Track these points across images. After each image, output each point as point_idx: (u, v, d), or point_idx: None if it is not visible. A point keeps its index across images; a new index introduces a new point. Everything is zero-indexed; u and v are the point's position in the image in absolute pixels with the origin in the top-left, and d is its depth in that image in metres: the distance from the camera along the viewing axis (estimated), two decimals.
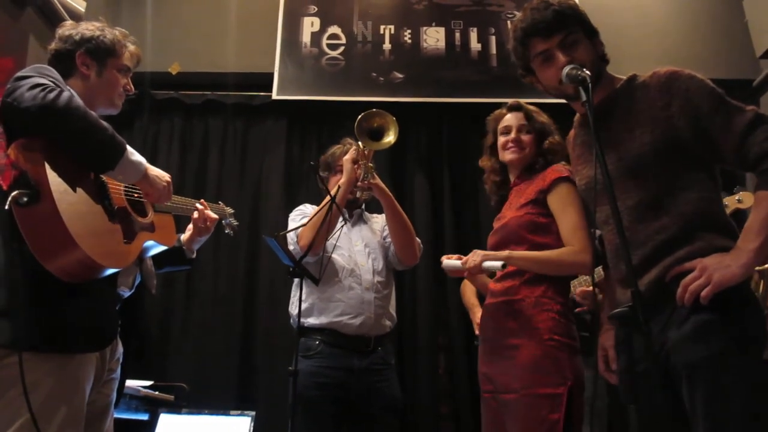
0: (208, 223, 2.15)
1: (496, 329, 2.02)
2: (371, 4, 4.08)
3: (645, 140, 1.50)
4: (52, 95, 1.44)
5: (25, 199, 1.41)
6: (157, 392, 2.89)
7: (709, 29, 4.01)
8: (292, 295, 2.56)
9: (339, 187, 2.43)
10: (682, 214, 1.46)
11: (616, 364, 1.63)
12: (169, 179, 1.76)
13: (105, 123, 1.54)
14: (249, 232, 3.61)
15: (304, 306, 2.44)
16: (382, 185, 2.53)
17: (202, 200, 2.19)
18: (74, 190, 1.52)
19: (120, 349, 1.76)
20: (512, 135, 2.16)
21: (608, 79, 1.66)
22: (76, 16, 3.43)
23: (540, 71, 1.65)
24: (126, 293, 1.86)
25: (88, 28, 1.78)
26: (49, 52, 1.77)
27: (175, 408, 2.97)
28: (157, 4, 3.99)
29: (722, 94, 1.47)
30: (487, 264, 1.93)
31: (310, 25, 4.02)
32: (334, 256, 2.51)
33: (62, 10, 3.30)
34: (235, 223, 2.42)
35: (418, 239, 2.63)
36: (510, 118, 2.20)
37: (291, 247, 2.46)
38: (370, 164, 2.48)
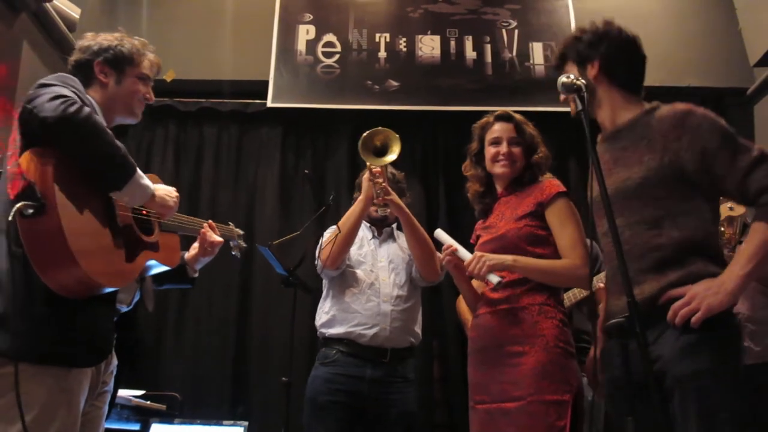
0: (213, 247, 2.15)
1: (496, 337, 1.99)
2: (366, 12, 4.09)
3: (652, 165, 1.60)
4: (72, 108, 1.45)
5: (30, 211, 1.41)
6: (149, 402, 2.86)
7: (703, 37, 4.02)
8: (318, 307, 2.64)
9: (332, 195, 2.46)
10: (678, 238, 1.55)
11: (604, 374, 1.66)
12: (176, 194, 1.78)
13: (119, 143, 1.55)
14: (243, 241, 3.59)
15: (327, 317, 2.54)
16: (398, 201, 2.53)
17: (210, 221, 2.18)
18: (81, 206, 1.51)
19: (114, 361, 1.75)
20: (503, 148, 2.14)
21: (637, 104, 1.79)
22: (70, 23, 3.42)
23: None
24: (124, 309, 1.86)
25: (107, 38, 1.80)
26: (70, 63, 1.79)
27: (167, 418, 2.94)
28: (151, 11, 3.99)
29: (732, 134, 1.55)
30: (490, 277, 1.94)
31: (305, 33, 4.02)
32: (357, 270, 2.58)
33: (57, 17, 3.29)
34: (244, 245, 2.42)
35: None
36: (499, 129, 2.18)
37: (316, 263, 2.50)
38: (382, 181, 2.48)
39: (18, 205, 1.40)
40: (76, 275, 1.45)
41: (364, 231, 2.72)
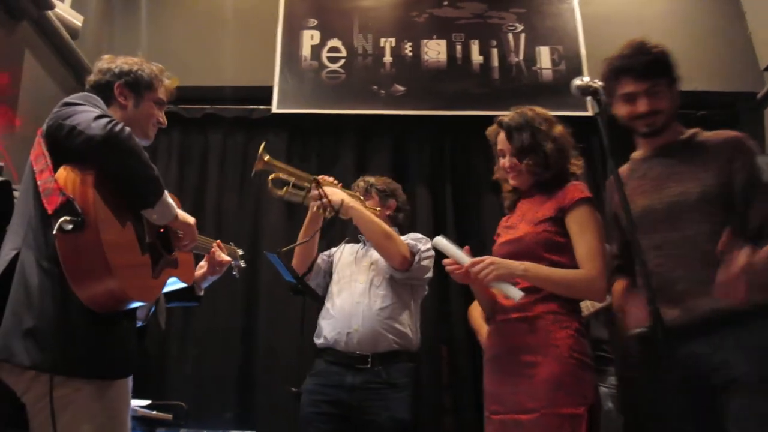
0: (221, 266, 2.22)
1: (510, 346, 1.94)
2: (371, 17, 4.05)
3: (708, 183, 1.71)
4: (117, 128, 1.52)
5: (71, 226, 1.45)
6: (154, 411, 2.81)
7: (713, 41, 3.98)
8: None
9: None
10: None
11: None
12: (194, 222, 1.83)
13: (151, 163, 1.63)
14: (249, 248, 3.53)
15: (317, 327, 2.55)
16: (343, 203, 2.46)
17: (218, 241, 2.24)
18: (117, 222, 1.57)
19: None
20: (506, 161, 2.08)
21: (675, 128, 1.93)
22: (72, 31, 3.39)
23: (618, 104, 1.89)
24: (139, 324, 1.86)
25: (127, 62, 1.87)
26: (88, 83, 1.86)
27: (173, 427, 2.90)
28: (154, 17, 3.96)
29: None
30: (506, 288, 1.86)
31: (309, 38, 3.98)
32: (340, 277, 2.57)
33: (59, 24, 3.25)
34: (243, 265, 2.47)
35: (410, 241, 2.57)
36: (501, 140, 2.10)
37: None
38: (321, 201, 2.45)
39: (60, 220, 1.44)
40: (110, 288, 1.50)
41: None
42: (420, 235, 2.67)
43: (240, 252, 2.44)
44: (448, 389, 3.50)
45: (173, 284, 1.93)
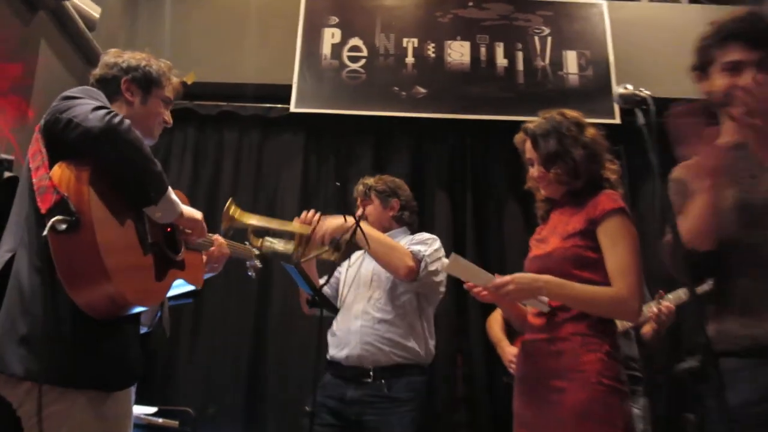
0: (219, 262, 2.10)
1: (536, 369, 1.81)
2: (394, 16, 3.95)
3: None
4: (117, 120, 1.44)
5: (64, 226, 1.36)
6: (161, 419, 2.73)
7: None
8: None
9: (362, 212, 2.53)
10: None
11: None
12: (201, 216, 1.74)
13: (154, 158, 1.55)
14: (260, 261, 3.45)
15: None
16: (342, 241, 2.30)
17: (218, 235, 2.11)
18: (115, 222, 1.48)
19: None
20: (534, 171, 1.95)
21: None
22: (90, 22, 3.31)
23: (715, 76, 1.60)
24: (144, 330, 1.77)
25: (135, 57, 1.80)
26: (93, 77, 1.78)
27: None
28: (174, 12, 3.88)
29: None
30: (533, 303, 1.75)
31: (330, 36, 3.89)
32: (345, 290, 2.50)
33: (76, 15, 3.18)
34: (260, 266, 2.37)
35: (414, 247, 2.43)
36: (528, 148, 1.97)
37: None
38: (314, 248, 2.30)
39: (52, 219, 1.35)
40: (108, 293, 1.40)
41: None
42: (428, 236, 2.55)
43: (256, 252, 2.33)
44: (463, 403, 3.39)
45: (180, 287, 1.83)
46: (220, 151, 3.76)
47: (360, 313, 2.41)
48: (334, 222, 2.31)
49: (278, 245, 2.30)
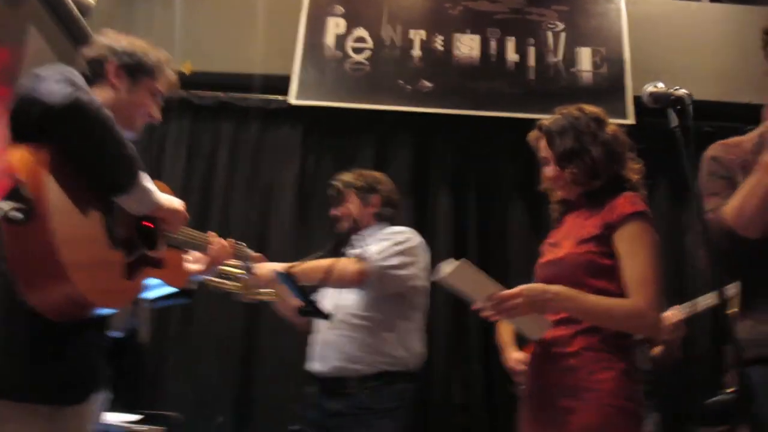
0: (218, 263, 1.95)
1: (545, 385, 1.68)
2: (402, 7, 3.79)
3: None
4: (84, 97, 1.30)
5: (18, 215, 1.21)
6: (146, 427, 2.62)
7: (760, 53, 3.67)
8: None
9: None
10: None
11: None
12: (182, 206, 1.60)
13: (129, 141, 1.41)
14: (256, 248, 3.30)
15: None
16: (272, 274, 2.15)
17: (213, 233, 1.93)
18: (76, 211, 1.33)
19: (103, 395, 1.56)
20: (548, 171, 1.82)
21: None
22: (84, 7, 3.18)
23: None
24: (115, 335, 1.63)
25: (133, 43, 1.67)
26: (82, 56, 1.66)
27: None
28: None
29: None
30: (526, 323, 1.60)
31: (335, 26, 3.74)
32: (323, 300, 2.37)
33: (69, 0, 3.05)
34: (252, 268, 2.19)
35: (361, 252, 2.33)
36: (543, 146, 1.83)
37: None
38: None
39: (4, 208, 1.20)
40: (65, 292, 1.26)
41: None
42: (396, 229, 2.43)
43: (252, 254, 2.17)
44: (460, 409, 3.27)
45: (157, 288, 1.68)
46: (216, 143, 3.61)
47: (338, 323, 2.27)
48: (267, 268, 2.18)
49: (227, 285, 2.12)
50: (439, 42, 3.72)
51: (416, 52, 3.70)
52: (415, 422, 3.12)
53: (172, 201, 1.57)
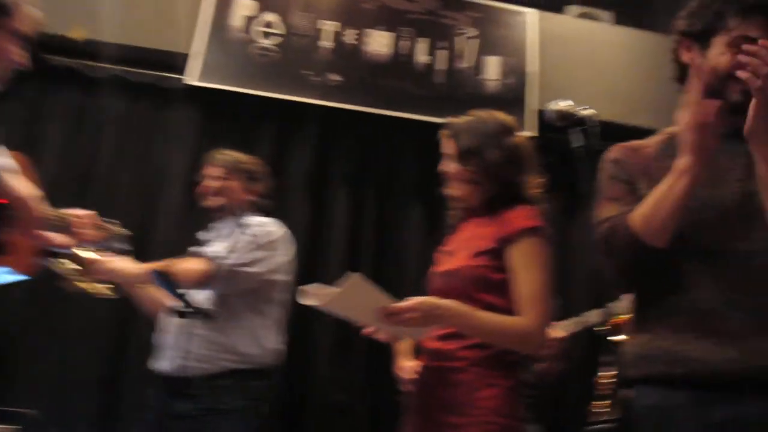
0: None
1: (429, 399, 1.64)
2: None
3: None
4: None
5: None
6: None
7: (659, 77, 3.86)
8: None
9: None
10: None
11: None
12: (31, 194, 1.43)
13: None
14: (139, 231, 3.06)
15: None
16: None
17: (79, 210, 1.77)
18: None
19: None
20: (446, 166, 1.79)
21: None
22: None
23: (721, 49, 1.29)
24: None
25: None
26: None
27: None
28: None
29: None
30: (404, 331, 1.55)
31: (243, 7, 3.57)
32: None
33: None
34: (128, 248, 2.08)
35: (208, 251, 2.24)
36: (447, 143, 1.80)
37: None
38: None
39: None
40: None
41: None
42: (257, 223, 2.33)
43: (125, 232, 2.04)
44: (340, 411, 3.20)
45: (4, 275, 1.53)
46: (103, 120, 3.35)
47: (184, 320, 2.14)
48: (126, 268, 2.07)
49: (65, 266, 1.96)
50: (351, 36, 3.64)
51: (327, 43, 3.60)
52: (289, 423, 3.07)
53: (23, 186, 1.41)
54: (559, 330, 2.45)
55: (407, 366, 2.15)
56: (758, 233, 1.22)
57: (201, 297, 2.22)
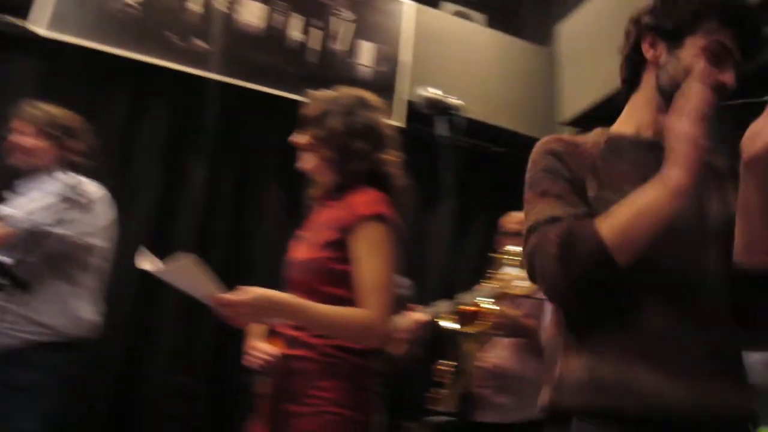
0: None
1: (274, 388, 1.61)
2: None
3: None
4: None
5: None
6: None
7: (525, 85, 4.06)
8: None
9: None
10: None
11: None
12: None
13: None
14: None
15: None
16: None
17: None
18: None
19: None
20: (301, 139, 1.74)
21: None
22: None
23: (695, 51, 1.21)
24: None
25: None
26: None
27: None
28: None
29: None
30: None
31: None
32: None
33: None
34: None
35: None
36: (306, 119, 1.76)
37: None
38: None
39: None
40: None
41: None
42: (72, 184, 2.17)
43: None
44: (183, 395, 3.06)
45: None
46: None
47: None
48: None
49: None
50: (222, 2, 3.47)
51: (195, 7, 3.41)
52: (126, 404, 2.89)
53: None
54: (418, 315, 2.46)
55: (258, 348, 2.08)
56: (712, 255, 1.15)
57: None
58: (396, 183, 1.70)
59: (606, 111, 3.31)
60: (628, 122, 1.29)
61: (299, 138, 1.73)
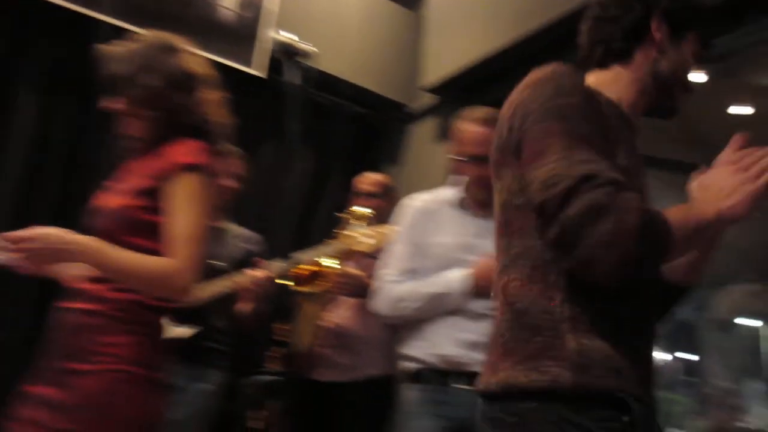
0: None
1: (59, 345, 1.49)
2: None
3: None
4: None
5: None
6: None
7: (390, 47, 4.06)
8: None
9: None
10: None
11: None
12: None
13: None
14: None
15: None
16: None
17: None
18: None
19: None
20: (108, 102, 1.68)
21: None
22: None
23: (694, 48, 1.23)
24: None
25: None
26: None
27: None
28: None
29: None
30: None
31: None
32: None
33: None
34: None
35: None
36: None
37: None
38: None
39: None
40: None
41: None
42: None
43: None
44: None
45: None
46: None
47: None
48: None
49: None
50: None
51: None
52: None
53: None
54: (262, 272, 2.38)
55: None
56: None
57: None
58: (215, 128, 1.64)
59: (467, 80, 3.42)
60: (610, 92, 1.22)
61: (113, 103, 1.61)
